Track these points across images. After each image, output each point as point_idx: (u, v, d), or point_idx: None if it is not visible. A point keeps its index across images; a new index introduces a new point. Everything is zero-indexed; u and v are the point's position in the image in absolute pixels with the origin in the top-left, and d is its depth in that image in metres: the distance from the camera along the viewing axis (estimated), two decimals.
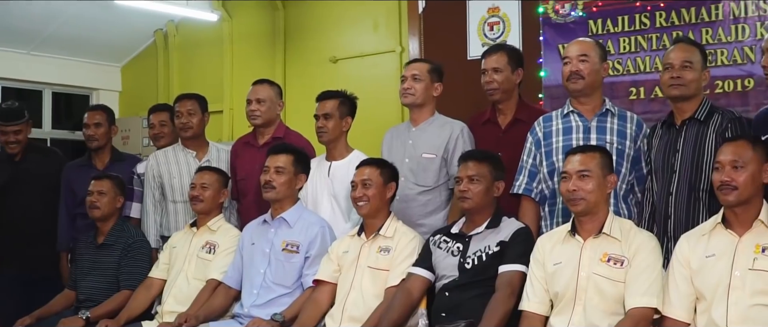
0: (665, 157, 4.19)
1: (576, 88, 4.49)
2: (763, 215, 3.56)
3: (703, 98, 4.24)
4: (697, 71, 4.18)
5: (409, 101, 5.08)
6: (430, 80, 5.07)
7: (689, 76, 4.16)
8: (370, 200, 4.52)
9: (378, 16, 7.89)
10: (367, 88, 7.32)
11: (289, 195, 4.83)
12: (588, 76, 4.46)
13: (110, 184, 5.37)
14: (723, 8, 5.93)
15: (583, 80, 4.46)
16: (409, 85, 5.05)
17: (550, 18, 6.53)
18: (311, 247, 4.76)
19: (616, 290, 3.75)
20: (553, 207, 4.50)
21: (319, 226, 4.83)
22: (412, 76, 5.05)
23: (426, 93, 5.06)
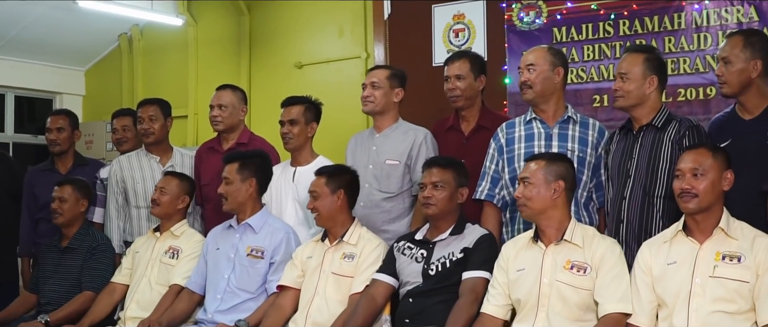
0: (621, 162, 4.22)
1: (527, 98, 4.53)
2: (724, 223, 3.60)
3: (662, 105, 4.26)
4: (636, 80, 4.19)
5: (369, 109, 5.10)
6: (390, 86, 5.08)
7: (626, 86, 4.19)
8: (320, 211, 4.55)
9: (343, 21, 7.88)
10: (332, 93, 7.33)
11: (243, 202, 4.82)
12: (536, 85, 4.49)
13: (71, 190, 5.34)
14: (685, 17, 5.98)
15: (532, 89, 4.49)
16: (368, 92, 5.06)
17: (515, 25, 6.56)
18: (276, 253, 4.75)
19: (579, 297, 3.79)
20: (514, 213, 4.52)
21: (284, 231, 4.82)
22: (371, 84, 5.07)
23: (386, 100, 5.07)
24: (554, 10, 6.41)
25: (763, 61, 4.07)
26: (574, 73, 6.28)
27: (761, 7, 5.75)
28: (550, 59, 4.54)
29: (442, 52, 6.68)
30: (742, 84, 4.07)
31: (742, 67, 4.06)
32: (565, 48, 6.28)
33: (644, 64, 4.22)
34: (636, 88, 4.19)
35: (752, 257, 3.50)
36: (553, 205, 3.93)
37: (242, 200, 4.81)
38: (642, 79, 4.19)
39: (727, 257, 3.54)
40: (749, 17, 5.77)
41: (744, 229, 3.61)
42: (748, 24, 5.73)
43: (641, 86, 4.19)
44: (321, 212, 4.54)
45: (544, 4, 6.46)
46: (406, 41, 7.12)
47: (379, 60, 7.21)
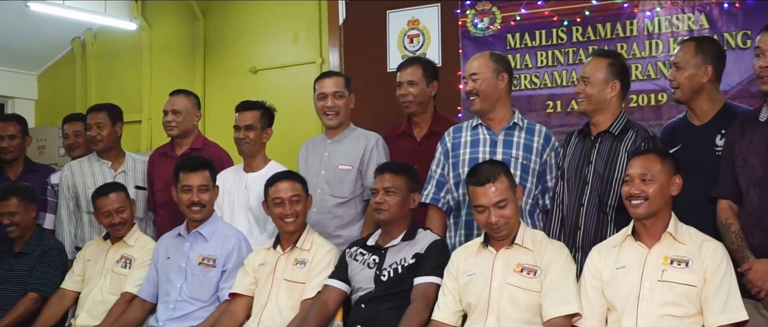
0: (579, 167, 4.24)
1: (475, 108, 4.56)
2: (672, 227, 3.64)
3: (621, 112, 4.29)
4: (598, 85, 4.22)
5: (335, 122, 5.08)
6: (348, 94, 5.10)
7: (587, 90, 4.22)
8: (298, 216, 4.53)
9: (298, 27, 7.87)
10: (286, 99, 7.33)
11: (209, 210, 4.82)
12: (482, 94, 4.51)
13: (17, 202, 5.28)
14: (637, 24, 6.03)
15: (478, 98, 4.51)
16: (332, 103, 5.04)
17: (469, 31, 6.57)
18: (228, 261, 4.73)
19: (530, 300, 3.82)
20: (458, 218, 4.54)
21: (235, 238, 4.79)
22: (333, 94, 5.05)
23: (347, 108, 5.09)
24: (508, 17, 6.43)
25: (714, 67, 4.13)
26: (528, 79, 6.31)
27: (712, 15, 5.80)
28: (492, 66, 4.55)
29: (396, 57, 6.67)
30: (693, 89, 4.12)
31: (693, 72, 4.11)
32: (518, 54, 6.32)
33: (607, 69, 4.24)
34: (597, 92, 4.21)
35: (700, 261, 3.55)
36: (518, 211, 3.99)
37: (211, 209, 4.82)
38: (604, 84, 4.22)
39: (675, 262, 3.58)
40: (700, 24, 5.83)
41: (692, 234, 3.65)
42: (699, 31, 5.79)
43: (603, 91, 4.22)
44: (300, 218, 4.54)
45: (498, 10, 6.48)
46: (361, 47, 7.11)
47: (334, 66, 7.20)
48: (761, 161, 3.72)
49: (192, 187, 4.74)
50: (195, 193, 4.74)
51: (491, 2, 6.51)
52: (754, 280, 3.62)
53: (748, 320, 3.51)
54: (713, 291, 3.49)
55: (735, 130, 3.89)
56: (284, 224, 4.52)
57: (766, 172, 3.70)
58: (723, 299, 3.48)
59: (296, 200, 4.51)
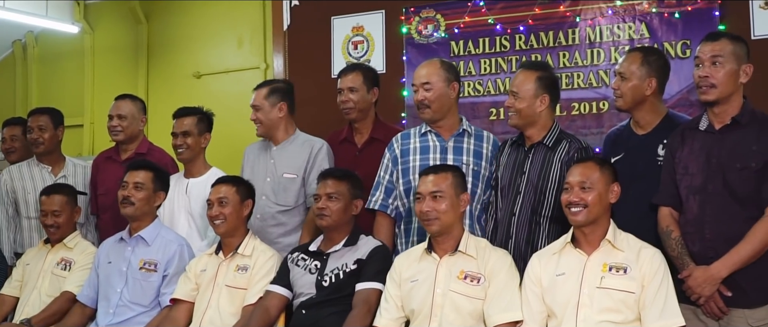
0: (512, 176, 4.26)
1: (425, 118, 4.56)
2: (610, 235, 3.68)
3: (554, 123, 4.31)
4: (527, 99, 4.23)
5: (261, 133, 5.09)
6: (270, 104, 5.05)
7: (518, 104, 4.24)
8: (226, 218, 4.48)
9: (243, 32, 7.83)
10: (231, 104, 7.29)
11: (147, 212, 4.77)
12: (434, 103, 4.51)
13: None
14: (579, 33, 6.10)
15: (430, 109, 4.51)
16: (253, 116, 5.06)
17: (413, 38, 6.60)
18: (169, 266, 4.70)
19: (473, 307, 3.83)
20: (408, 225, 4.54)
21: (177, 244, 4.76)
22: (254, 107, 5.05)
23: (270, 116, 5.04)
24: (452, 24, 6.47)
25: (658, 80, 4.18)
26: (471, 87, 6.35)
27: (652, 25, 5.89)
28: (444, 75, 4.55)
29: (341, 63, 6.68)
30: (635, 100, 4.17)
31: (637, 83, 4.16)
32: (462, 61, 6.36)
33: (536, 83, 4.25)
34: (527, 106, 4.23)
35: (638, 268, 3.58)
36: (459, 217, 4.00)
37: (149, 211, 4.79)
38: (533, 98, 4.24)
39: (614, 268, 3.61)
40: (640, 34, 5.91)
41: (630, 241, 3.69)
42: (640, 40, 5.87)
43: (532, 105, 4.23)
44: (229, 221, 4.50)
45: (442, 17, 6.51)
46: (306, 52, 7.11)
47: (278, 71, 7.19)
48: (701, 169, 3.78)
49: (128, 183, 4.72)
50: (128, 189, 4.71)
51: (435, 9, 6.55)
52: (693, 286, 3.67)
53: (685, 325, 3.56)
54: (651, 297, 3.53)
55: (675, 138, 3.94)
56: (213, 226, 4.54)
57: (706, 180, 3.75)
58: (660, 305, 3.52)
59: (224, 203, 4.49)
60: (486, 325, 3.81)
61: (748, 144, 3.70)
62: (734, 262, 3.62)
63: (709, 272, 3.65)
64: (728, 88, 3.75)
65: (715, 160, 3.74)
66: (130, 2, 8.27)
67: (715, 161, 3.74)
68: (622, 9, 5.98)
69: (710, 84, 3.75)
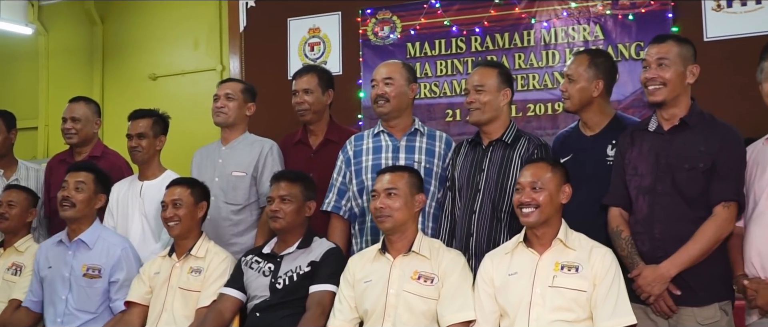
0: (470, 175, 4.26)
1: (382, 111, 4.55)
2: (562, 234, 3.70)
3: (511, 121, 4.34)
4: (492, 93, 4.26)
5: (222, 120, 5.08)
6: (244, 100, 5.10)
7: (483, 98, 4.25)
8: (180, 220, 4.45)
9: (199, 34, 7.80)
10: (187, 106, 7.27)
11: (87, 214, 4.70)
12: (393, 98, 4.53)
13: None
14: (535, 35, 6.15)
15: (389, 103, 4.53)
16: (222, 103, 5.05)
17: (370, 40, 6.62)
18: (115, 271, 4.62)
19: (426, 307, 3.83)
20: (362, 225, 4.55)
21: (120, 247, 4.69)
22: (225, 95, 5.06)
23: (239, 112, 5.08)
24: (408, 26, 6.50)
25: (605, 82, 4.21)
26: (427, 88, 6.37)
27: (606, 26, 5.96)
28: (405, 75, 4.60)
29: (297, 65, 6.68)
30: (582, 101, 4.19)
31: (585, 85, 4.19)
32: (418, 63, 6.39)
33: (498, 77, 4.30)
34: (492, 99, 4.26)
35: (589, 267, 3.60)
36: (413, 217, 4.00)
37: (89, 213, 4.72)
38: (497, 91, 4.27)
39: (566, 267, 3.63)
40: (595, 36, 5.97)
41: (582, 241, 3.71)
42: (594, 42, 5.93)
43: (497, 98, 4.27)
44: (183, 222, 4.47)
45: (399, 19, 6.54)
46: (262, 54, 7.11)
47: (235, 73, 7.17)
48: (650, 170, 3.81)
49: (69, 184, 4.67)
50: (68, 190, 4.65)
51: (392, 11, 6.57)
52: (643, 285, 3.69)
53: (636, 324, 3.59)
54: (602, 296, 3.55)
55: (625, 139, 3.97)
56: (167, 228, 4.51)
57: (655, 181, 3.79)
58: (612, 304, 3.54)
59: (179, 205, 4.46)
60: (439, 325, 3.81)
61: (696, 145, 3.74)
62: (683, 262, 3.65)
63: (658, 271, 3.67)
64: (675, 89, 3.79)
65: (664, 161, 3.78)
66: (85, 3, 8.21)
67: (664, 162, 3.78)
68: (576, 11, 6.04)
69: (657, 85, 3.79)
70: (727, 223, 3.67)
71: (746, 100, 3.63)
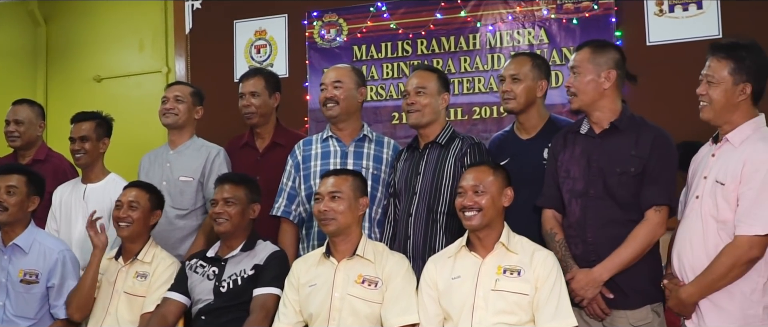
0: (408, 178, 4.30)
1: (331, 114, 4.56)
2: (504, 238, 3.73)
3: (447, 123, 4.38)
4: (432, 96, 4.30)
5: (170, 121, 5.07)
6: (192, 103, 5.11)
7: (423, 101, 4.29)
8: (133, 222, 4.44)
9: (144, 35, 7.71)
10: (132, 108, 7.21)
11: (21, 218, 4.61)
12: (343, 101, 4.55)
13: None
14: (480, 38, 6.18)
15: (338, 106, 4.54)
16: (172, 105, 5.05)
17: (316, 43, 6.61)
18: (52, 276, 4.54)
19: (370, 311, 3.85)
20: (309, 229, 4.56)
21: (57, 251, 4.60)
22: (174, 97, 5.06)
23: (188, 115, 5.08)
24: (354, 29, 6.51)
25: (547, 82, 4.30)
26: (374, 91, 6.39)
27: (551, 30, 6.01)
28: (355, 78, 4.63)
29: (243, 67, 6.63)
30: (528, 101, 4.24)
31: (530, 85, 4.24)
32: (365, 66, 6.39)
33: (438, 81, 4.34)
34: (432, 102, 4.30)
35: (532, 271, 3.64)
36: (357, 220, 4.00)
37: (22, 216, 4.62)
38: (437, 95, 4.32)
39: (508, 271, 3.66)
40: (540, 39, 6.02)
41: (524, 244, 3.75)
42: (539, 46, 5.99)
43: (437, 101, 4.31)
44: (134, 224, 4.45)
45: (345, 22, 6.55)
46: (208, 56, 7.07)
47: (181, 75, 7.12)
48: (582, 173, 3.86)
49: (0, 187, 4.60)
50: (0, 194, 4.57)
51: (338, 14, 6.57)
52: (576, 288, 3.74)
53: (577, 326, 3.63)
54: (544, 298, 3.60)
55: (558, 141, 4.02)
56: (116, 228, 4.48)
57: (587, 184, 3.83)
58: (553, 306, 3.59)
59: (134, 206, 4.45)
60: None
61: (627, 149, 3.79)
62: (615, 265, 3.70)
63: (591, 275, 3.73)
64: (589, 95, 3.86)
65: (595, 165, 3.83)
66: (29, 4, 8.08)
67: (596, 166, 3.83)
68: (521, 15, 6.09)
69: (572, 93, 3.89)
70: (659, 226, 3.73)
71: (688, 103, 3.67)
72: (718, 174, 3.54)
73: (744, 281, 3.47)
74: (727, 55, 3.55)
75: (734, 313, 3.49)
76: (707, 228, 3.55)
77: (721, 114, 3.57)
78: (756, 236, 3.40)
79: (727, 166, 3.51)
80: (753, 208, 3.41)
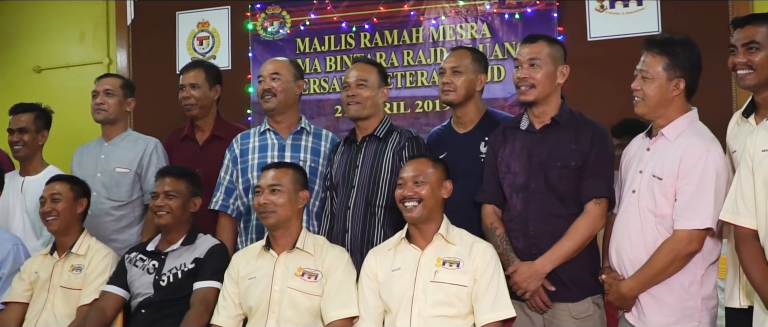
0: (345, 172, 4.31)
1: (269, 106, 4.56)
2: (443, 230, 3.76)
3: (384, 116, 4.41)
4: (373, 89, 4.32)
5: (102, 117, 5.05)
6: (123, 95, 5.07)
7: (364, 93, 4.30)
8: (59, 215, 4.39)
9: (85, 26, 7.61)
10: (72, 99, 7.10)
11: None
12: (280, 94, 4.55)
13: None
14: (423, 32, 6.20)
15: (276, 98, 4.54)
16: (102, 100, 5.03)
17: (259, 35, 6.59)
18: (3, 266, 4.55)
19: (310, 303, 3.86)
20: (248, 223, 4.55)
21: (11, 243, 4.61)
22: (104, 91, 5.04)
23: (119, 108, 5.06)
24: (297, 21, 6.49)
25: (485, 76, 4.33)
26: (317, 84, 6.38)
27: (493, 25, 6.04)
28: (293, 71, 4.63)
29: (186, 59, 6.58)
30: (468, 93, 4.26)
31: (471, 78, 4.27)
32: (308, 59, 6.39)
33: (378, 75, 4.37)
34: (373, 95, 4.32)
35: (470, 262, 3.68)
36: (297, 213, 4.00)
37: None
38: (377, 88, 4.34)
39: (447, 263, 3.70)
40: (482, 34, 6.05)
41: (463, 236, 3.78)
42: (481, 40, 6.02)
43: (377, 95, 4.34)
44: (61, 218, 4.42)
45: (288, 14, 6.53)
46: (150, 48, 7.01)
47: (122, 66, 7.06)
48: (523, 168, 3.89)
49: None
50: None
51: (281, 6, 6.55)
52: (519, 282, 3.77)
53: (515, 317, 3.69)
54: (483, 290, 3.63)
55: (497, 137, 4.05)
56: (45, 223, 4.46)
57: (528, 179, 3.86)
58: (492, 297, 3.63)
59: (57, 199, 4.42)
60: (323, 321, 3.84)
61: (567, 143, 3.83)
62: (557, 258, 3.74)
63: (533, 268, 3.76)
64: (546, 89, 3.88)
65: (536, 159, 3.86)
66: None
67: (537, 160, 3.86)
68: (464, 9, 6.11)
69: (529, 85, 3.87)
70: (599, 219, 3.78)
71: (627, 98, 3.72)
72: (654, 168, 3.60)
73: (683, 274, 3.53)
74: (661, 50, 3.60)
75: (674, 305, 3.55)
76: (645, 222, 3.60)
77: (655, 109, 3.62)
78: (695, 230, 3.47)
79: (664, 161, 3.57)
80: (691, 203, 3.47)
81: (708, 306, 3.57)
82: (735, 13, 5.30)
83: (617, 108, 4.80)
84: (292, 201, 3.96)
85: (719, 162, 3.51)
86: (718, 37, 3.68)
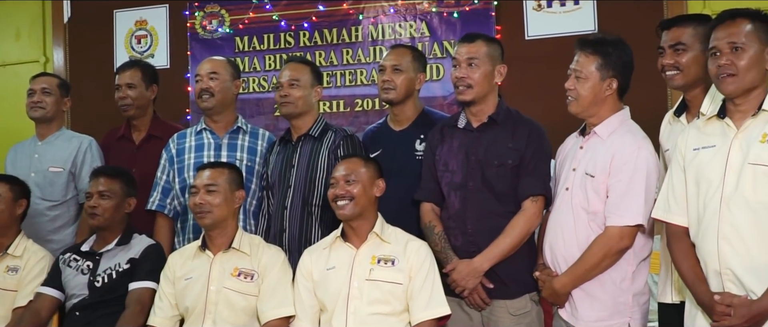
0: (282, 172, 4.31)
1: (207, 106, 4.56)
2: (378, 228, 3.79)
3: (319, 115, 4.42)
4: (305, 88, 4.33)
5: (39, 115, 5.01)
6: (60, 95, 5.03)
7: (297, 93, 4.31)
8: None
9: (21, 24, 7.49)
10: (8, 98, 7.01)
11: None
12: (218, 93, 4.54)
13: None
14: (362, 31, 6.22)
15: (213, 98, 4.54)
16: (39, 98, 4.98)
17: (198, 33, 6.56)
18: None
19: (247, 303, 3.87)
20: (185, 223, 4.53)
21: None
22: (41, 90, 5.00)
23: (56, 107, 5.02)
24: (237, 20, 6.48)
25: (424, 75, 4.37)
26: (256, 83, 6.37)
27: (432, 23, 6.08)
28: (230, 70, 4.63)
29: (124, 58, 6.54)
30: (408, 92, 4.29)
31: (412, 76, 4.30)
32: (247, 57, 6.38)
33: (311, 74, 4.39)
34: (306, 94, 4.34)
35: (405, 260, 3.71)
36: (233, 213, 4.00)
37: None
38: (310, 88, 4.36)
39: (382, 261, 3.72)
40: (421, 32, 6.09)
41: (397, 234, 3.81)
42: (420, 39, 6.05)
43: (310, 94, 4.36)
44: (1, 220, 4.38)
45: (227, 13, 6.51)
46: (87, 46, 6.93)
47: (59, 65, 6.97)
48: (460, 166, 3.90)
49: None
50: None
51: (220, 5, 6.52)
52: (457, 279, 3.78)
53: (450, 314, 3.72)
54: (418, 288, 3.66)
55: (435, 135, 4.06)
56: None
57: (466, 177, 3.88)
58: (427, 295, 3.66)
59: None
60: (259, 321, 3.85)
61: (504, 142, 3.86)
62: (495, 255, 3.76)
63: (471, 265, 3.77)
64: (484, 88, 3.89)
65: (473, 158, 3.88)
66: None
67: (474, 158, 3.87)
68: (403, 8, 6.14)
69: (467, 84, 3.88)
70: (536, 216, 3.81)
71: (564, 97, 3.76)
72: (587, 166, 3.64)
73: (614, 270, 3.58)
74: (594, 50, 3.65)
75: (605, 301, 3.60)
76: (578, 219, 3.64)
77: (587, 108, 3.67)
78: (626, 227, 3.52)
79: (596, 159, 3.62)
80: (623, 200, 3.52)
81: (639, 302, 3.63)
82: (670, 14, 5.38)
83: (554, 106, 4.85)
84: (228, 201, 3.95)
85: (650, 159, 3.57)
86: (654, 36, 3.72)
